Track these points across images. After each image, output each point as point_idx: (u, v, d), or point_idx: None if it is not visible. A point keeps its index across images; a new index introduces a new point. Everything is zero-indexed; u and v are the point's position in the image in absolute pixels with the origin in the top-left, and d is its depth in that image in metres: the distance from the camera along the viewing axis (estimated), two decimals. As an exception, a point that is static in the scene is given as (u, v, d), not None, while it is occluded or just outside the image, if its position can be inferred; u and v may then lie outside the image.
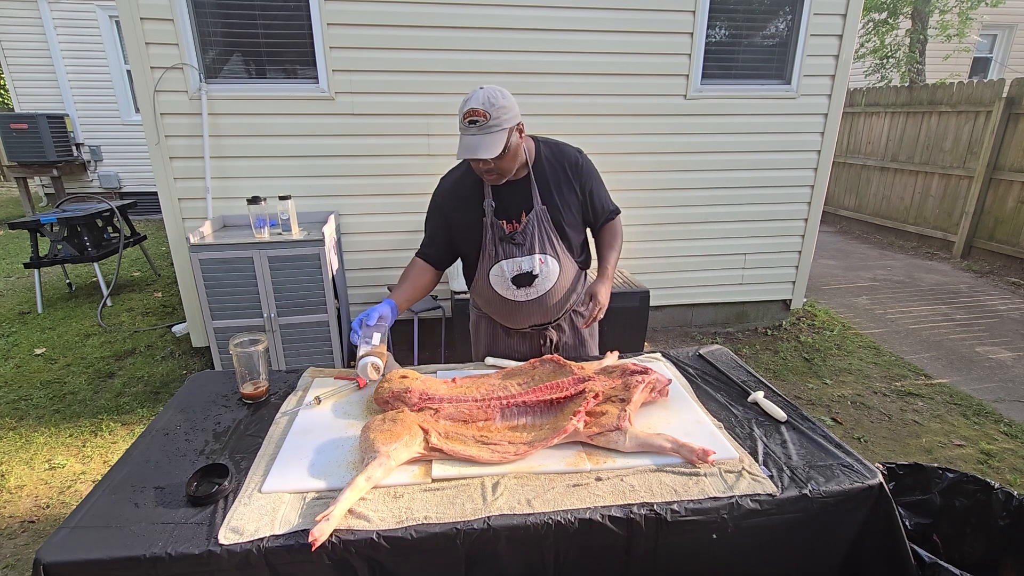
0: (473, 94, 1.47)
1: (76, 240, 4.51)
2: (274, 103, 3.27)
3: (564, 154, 1.69)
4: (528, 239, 1.64)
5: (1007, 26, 9.18)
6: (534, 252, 1.65)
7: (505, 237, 1.64)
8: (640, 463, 1.22)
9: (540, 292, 1.70)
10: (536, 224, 1.64)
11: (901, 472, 1.63)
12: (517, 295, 1.69)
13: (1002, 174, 5.47)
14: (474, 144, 1.45)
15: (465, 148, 1.47)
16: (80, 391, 3.20)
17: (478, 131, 1.45)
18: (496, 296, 1.71)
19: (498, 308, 1.76)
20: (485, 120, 1.44)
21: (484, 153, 1.46)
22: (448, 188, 1.71)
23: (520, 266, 1.65)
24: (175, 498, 1.12)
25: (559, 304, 1.77)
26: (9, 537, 2.14)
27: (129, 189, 8.14)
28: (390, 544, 1.02)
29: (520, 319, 1.77)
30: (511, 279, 1.67)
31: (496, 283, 1.69)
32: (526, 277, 1.67)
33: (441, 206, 1.71)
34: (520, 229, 1.64)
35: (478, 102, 1.44)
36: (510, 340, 1.84)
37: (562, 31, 3.38)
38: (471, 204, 1.65)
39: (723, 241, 4.03)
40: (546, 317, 1.78)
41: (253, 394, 1.52)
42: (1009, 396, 3.24)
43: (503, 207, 1.64)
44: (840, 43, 3.67)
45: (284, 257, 2.86)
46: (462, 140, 1.48)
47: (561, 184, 1.67)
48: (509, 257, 1.65)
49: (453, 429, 1.29)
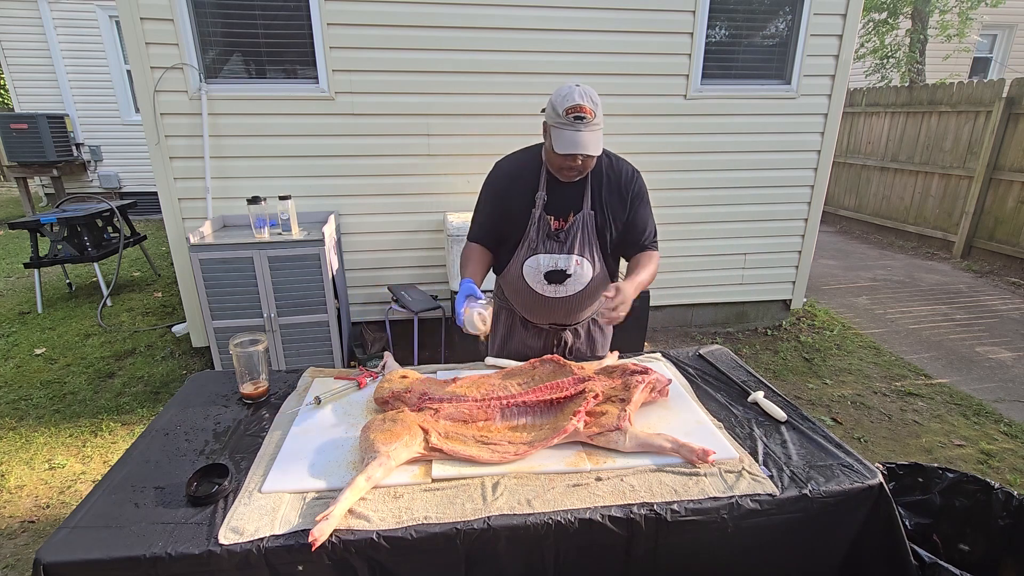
0: (571, 90, 1.47)
1: (76, 240, 4.51)
2: (274, 103, 3.27)
3: (621, 168, 1.74)
4: (570, 239, 1.66)
5: (1007, 26, 9.18)
6: (573, 252, 1.67)
7: (551, 233, 1.66)
8: (640, 463, 1.22)
9: (569, 292, 1.72)
10: (581, 226, 1.66)
11: (901, 472, 1.63)
12: (547, 290, 1.71)
13: (1002, 174, 5.47)
14: (583, 140, 1.47)
15: (571, 143, 1.47)
16: (80, 391, 3.20)
17: (585, 127, 1.46)
18: (525, 287, 1.73)
19: (524, 299, 1.78)
20: (591, 117, 1.46)
21: (594, 149, 1.48)
22: (508, 172, 1.72)
23: (556, 263, 1.67)
24: (175, 498, 1.12)
25: (583, 307, 1.80)
26: (9, 537, 2.14)
27: (129, 189, 8.14)
28: (390, 544, 1.02)
29: (543, 315, 1.79)
30: (544, 274, 1.69)
31: (529, 275, 1.71)
32: (559, 275, 1.69)
33: (499, 189, 1.71)
34: (565, 228, 1.66)
35: (584, 99, 1.45)
36: (526, 334, 1.86)
37: (562, 31, 3.38)
38: (526, 192, 1.67)
39: (723, 241, 4.03)
40: (568, 318, 1.81)
41: (253, 394, 1.52)
42: (1009, 396, 3.24)
43: (554, 203, 1.66)
44: (840, 43, 3.67)
45: (284, 257, 2.86)
46: (564, 134, 1.47)
47: (613, 196, 1.70)
48: (548, 252, 1.67)
49: (453, 429, 1.29)
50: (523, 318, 1.85)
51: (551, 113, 1.51)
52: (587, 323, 1.88)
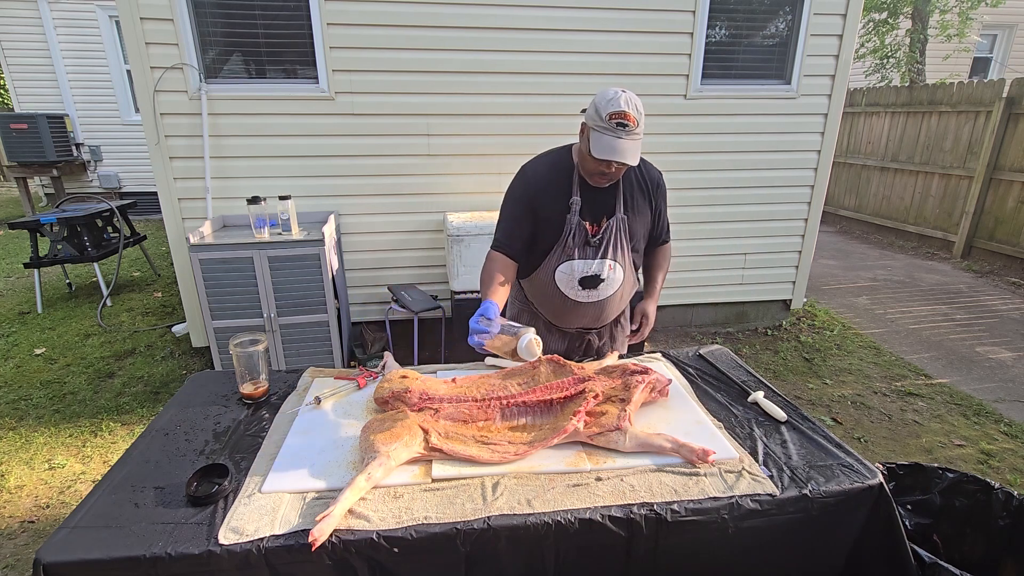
0: (616, 95, 1.44)
1: (76, 240, 4.51)
2: (274, 103, 3.27)
3: (649, 171, 1.75)
4: (604, 243, 1.66)
5: (1007, 26, 9.18)
6: (607, 257, 1.67)
7: (588, 240, 1.66)
8: (640, 463, 1.22)
9: (602, 296, 1.72)
10: (615, 231, 1.67)
11: (901, 472, 1.63)
12: (579, 296, 1.71)
13: (1002, 174, 5.47)
14: (622, 148, 1.45)
15: (610, 149, 1.45)
16: (80, 391, 3.20)
17: (626, 135, 1.45)
18: (557, 292, 1.72)
19: (554, 304, 1.77)
20: (634, 126, 1.44)
21: (631, 159, 1.47)
22: (539, 177, 1.67)
23: (591, 268, 1.67)
24: (175, 498, 1.12)
25: (613, 310, 1.80)
26: (9, 537, 2.14)
27: (129, 189, 8.14)
28: (390, 544, 1.02)
29: (573, 319, 1.79)
30: (579, 280, 1.68)
31: (561, 280, 1.70)
32: (593, 280, 1.69)
33: (529, 194, 1.67)
34: (599, 233, 1.66)
35: (629, 106, 1.43)
36: (549, 337, 1.84)
37: (562, 31, 3.38)
38: (560, 197, 1.65)
39: (723, 241, 4.03)
40: (597, 321, 1.81)
41: (253, 394, 1.52)
42: (1009, 396, 3.24)
43: (588, 208, 1.65)
44: (840, 43, 3.67)
45: (284, 257, 2.86)
46: (604, 139, 1.45)
47: (643, 199, 1.72)
48: (583, 258, 1.66)
49: (453, 429, 1.29)
50: (548, 321, 1.83)
51: (593, 115, 1.48)
52: (610, 326, 1.88)
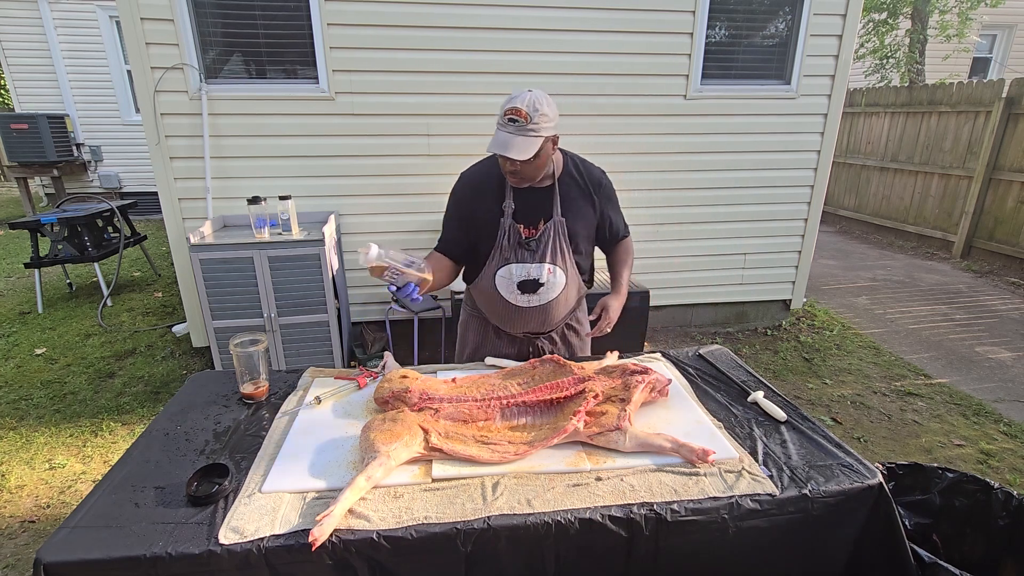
0: (521, 93, 1.48)
1: (76, 240, 4.51)
2: (274, 103, 3.27)
3: (590, 172, 1.73)
4: (542, 247, 1.64)
5: (1007, 26, 9.18)
6: (545, 261, 1.65)
7: (521, 242, 1.64)
8: (640, 463, 1.22)
9: (543, 301, 1.70)
10: (552, 234, 1.64)
11: (901, 472, 1.63)
12: (519, 300, 1.69)
13: (1002, 174, 5.47)
14: (507, 141, 1.47)
15: (497, 143, 1.49)
16: (80, 391, 3.20)
17: (515, 130, 1.46)
18: (498, 297, 1.71)
19: (497, 309, 1.76)
20: (525, 122, 1.45)
21: (515, 153, 1.47)
22: (471, 181, 1.70)
23: (529, 272, 1.65)
24: (175, 498, 1.12)
25: (557, 315, 1.78)
26: (9, 537, 2.14)
27: (129, 189, 8.14)
28: (390, 544, 1.02)
29: (517, 324, 1.77)
30: (517, 284, 1.67)
31: (501, 285, 1.68)
32: (532, 284, 1.67)
33: (462, 198, 1.70)
34: (536, 236, 1.64)
35: (523, 103, 1.46)
36: (499, 343, 1.83)
37: (562, 31, 3.38)
38: (492, 201, 1.66)
39: (723, 241, 4.03)
40: (542, 327, 1.79)
41: (253, 394, 1.52)
42: (1009, 396, 3.24)
43: (523, 211, 1.64)
44: (840, 43, 3.67)
45: (284, 257, 2.86)
46: (497, 134, 1.49)
47: (583, 200, 1.69)
48: (520, 261, 1.65)
49: (453, 429, 1.29)
50: (496, 327, 1.83)
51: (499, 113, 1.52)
52: (561, 329, 1.85)
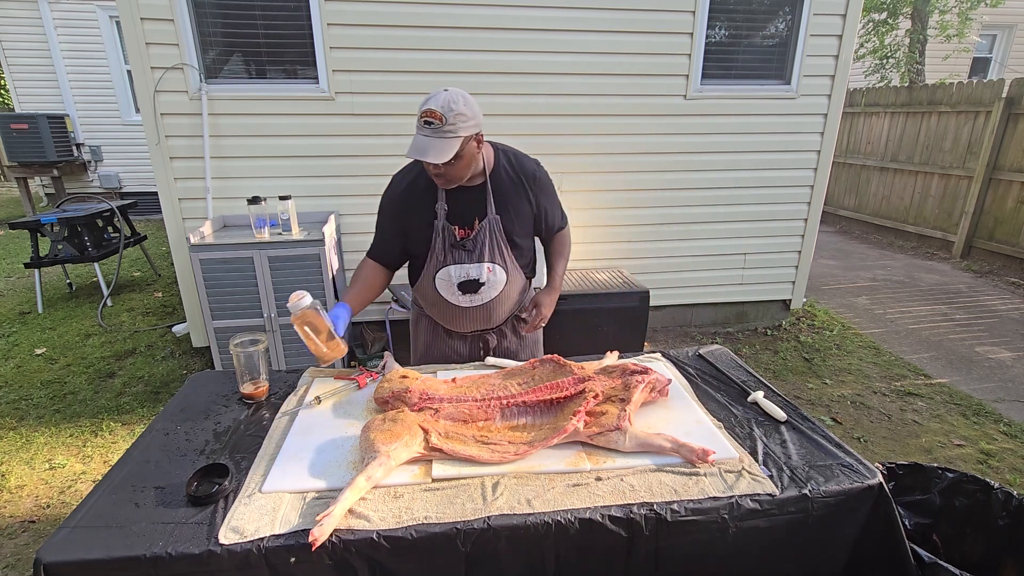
0: (435, 94, 1.43)
1: (76, 240, 4.51)
2: (274, 103, 3.27)
3: (523, 166, 1.67)
4: (479, 247, 1.61)
5: (1007, 26, 9.18)
6: (483, 260, 1.62)
7: (456, 243, 1.61)
8: (640, 463, 1.22)
9: (485, 300, 1.69)
10: (488, 232, 1.61)
11: (901, 472, 1.63)
12: (461, 301, 1.68)
13: (1002, 174, 5.47)
14: (424, 145, 1.42)
15: (415, 147, 1.43)
16: (80, 391, 3.20)
17: (431, 133, 1.41)
18: (440, 299, 1.70)
19: (441, 311, 1.75)
20: (440, 124, 1.39)
21: (432, 157, 1.41)
22: (401, 187, 1.65)
23: (468, 273, 1.63)
24: (175, 498, 1.12)
25: (502, 312, 1.77)
26: (10, 537, 2.14)
27: (129, 189, 8.15)
28: (390, 544, 1.02)
29: (462, 323, 1.76)
30: (457, 285, 1.65)
31: (441, 287, 1.66)
32: (473, 284, 1.65)
33: (393, 204, 1.66)
34: (472, 236, 1.61)
35: (437, 104, 1.40)
36: (451, 341, 1.83)
37: (562, 31, 3.38)
38: (424, 205, 1.62)
39: (723, 241, 4.03)
40: (488, 324, 1.78)
41: (253, 394, 1.52)
42: (1009, 396, 3.24)
43: (456, 212, 1.61)
44: (840, 43, 3.67)
45: (284, 257, 2.86)
46: (415, 138, 1.44)
47: (517, 195, 1.65)
48: (458, 263, 1.62)
49: (453, 429, 1.29)
50: (443, 327, 1.82)
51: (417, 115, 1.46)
52: (510, 322, 1.84)
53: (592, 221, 3.82)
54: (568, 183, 3.70)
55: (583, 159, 3.67)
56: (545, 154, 3.54)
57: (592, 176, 3.72)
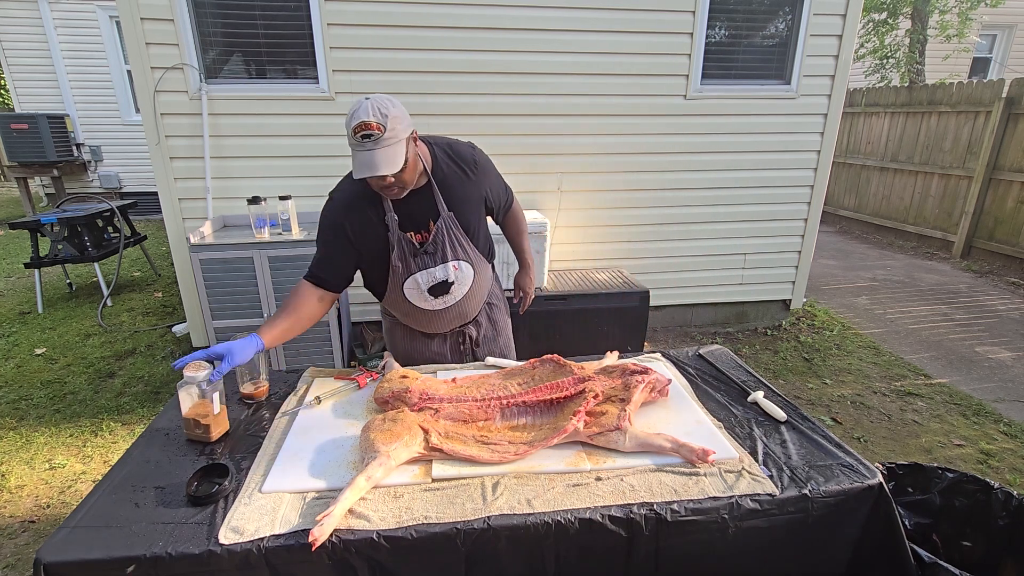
0: (359, 106, 1.33)
1: (76, 240, 4.51)
2: (274, 103, 3.27)
3: (460, 155, 1.61)
4: (439, 248, 1.58)
5: (1007, 26, 9.18)
6: (447, 260, 1.59)
7: (416, 250, 1.57)
8: (640, 463, 1.22)
9: (457, 297, 1.67)
10: (445, 231, 1.57)
11: (901, 472, 1.63)
12: (435, 304, 1.65)
13: (1002, 174, 5.47)
14: (373, 160, 1.33)
15: (363, 166, 1.35)
16: (80, 391, 3.20)
17: (375, 146, 1.33)
18: (413, 308, 1.67)
19: (416, 318, 1.72)
20: (380, 133, 1.32)
21: (386, 169, 1.35)
22: (344, 205, 1.55)
23: (435, 276, 1.60)
24: (175, 498, 1.12)
25: (476, 304, 1.77)
26: (10, 537, 2.14)
27: (129, 189, 8.15)
28: (390, 544, 1.02)
29: (440, 325, 1.75)
30: (427, 290, 1.62)
31: (412, 296, 1.63)
32: (442, 286, 1.62)
33: (338, 225, 1.55)
34: (431, 239, 1.57)
35: (368, 114, 1.31)
36: (430, 343, 1.81)
37: (562, 31, 3.38)
38: (372, 220, 1.54)
39: (723, 241, 4.03)
40: (466, 319, 1.78)
41: (253, 394, 1.52)
42: (1009, 396, 3.24)
43: (408, 218, 1.55)
44: (840, 43, 3.67)
45: (284, 257, 2.86)
46: (357, 157, 1.36)
47: (463, 186, 1.60)
48: (422, 268, 1.59)
49: (453, 429, 1.29)
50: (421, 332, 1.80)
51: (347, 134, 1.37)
52: (484, 311, 1.84)
53: (592, 221, 3.82)
54: (568, 183, 3.70)
55: (583, 159, 3.67)
56: (545, 154, 3.61)
57: (592, 176, 3.72)
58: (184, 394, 1.31)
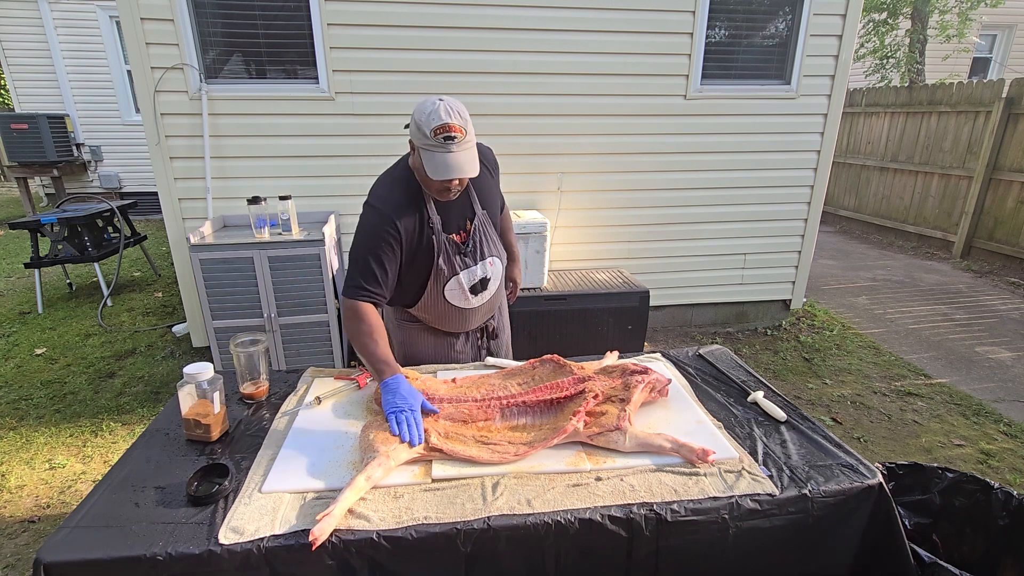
0: (434, 107, 1.34)
1: (76, 240, 4.51)
2: (274, 103, 3.27)
3: (485, 155, 1.65)
4: (477, 246, 1.62)
5: (1007, 26, 9.18)
6: (484, 257, 1.64)
7: (459, 251, 1.60)
8: (640, 463, 1.22)
9: (491, 292, 1.73)
10: (482, 230, 1.63)
11: (901, 472, 1.63)
12: (473, 302, 1.68)
13: (1002, 174, 5.47)
14: (458, 162, 1.36)
15: (447, 167, 1.36)
16: (80, 391, 3.20)
17: (459, 148, 1.36)
18: (450, 308, 1.67)
19: (451, 319, 1.73)
20: (463, 136, 1.35)
21: (471, 171, 1.39)
22: (396, 213, 1.49)
23: (475, 274, 1.63)
24: (175, 498, 1.12)
25: (500, 297, 1.83)
26: (10, 537, 2.14)
27: (129, 189, 8.15)
28: (390, 544, 1.02)
29: (474, 321, 1.78)
30: (468, 289, 1.64)
31: (453, 296, 1.64)
32: (482, 283, 1.66)
33: (394, 235, 1.48)
34: (468, 238, 1.62)
35: (450, 116, 1.34)
36: (456, 341, 1.80)
37: (562, 31, 3.38)
38: (420, 222, 1.53)
39: (723, 241, 4.03)
40: (492, 312, 1.83)
41: (253, 394, 1.52)
42: (1009, 396, 3.24)
43: (447, 220, 1.58)
44: (840, 43, 3.67)
45: (284, 257, 2.86)
46: (437, 159, 1.36)
47: (488, 186, 1.67)
48: (464, 268, 1.61)
49: (453, 429, 1.29)
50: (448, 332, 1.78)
51: (416, 133, 1.38)
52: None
53: (592, 221, 3.82)
54: (568, 183, 3.70)
55: (583, 159, 3.67)
56: (545, 154, 3.61)
57: (592, 176, 3.72)
58: (184, 394, 1.31)
